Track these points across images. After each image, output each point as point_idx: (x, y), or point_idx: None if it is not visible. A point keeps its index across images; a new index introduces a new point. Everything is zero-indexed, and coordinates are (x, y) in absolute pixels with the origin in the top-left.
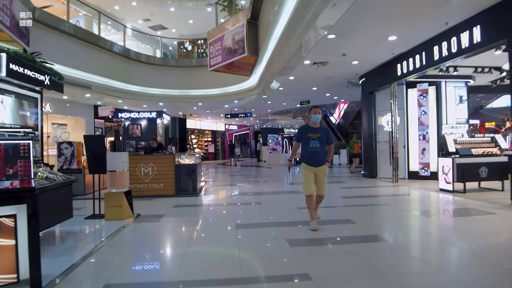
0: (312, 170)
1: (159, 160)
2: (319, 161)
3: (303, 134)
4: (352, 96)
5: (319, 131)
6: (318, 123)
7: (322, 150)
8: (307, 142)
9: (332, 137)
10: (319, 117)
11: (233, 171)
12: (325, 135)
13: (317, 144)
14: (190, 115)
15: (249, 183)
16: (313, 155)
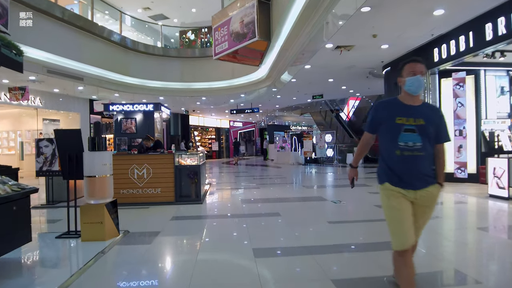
0: (408, 197)
1: (155, 161)
2: (421, 178)
3: (385, 118)
4: (370, 90)
5: (421, 113)
6: (418, 95)
7: (427, 154)
8: (394, 135)
9: (447, 128)
10: (422, 82)
11: (240, 171)
12: (434, 123)
13: (418, 141)
14: (193, 111)
15: (259, 186)
16: (410, 164)
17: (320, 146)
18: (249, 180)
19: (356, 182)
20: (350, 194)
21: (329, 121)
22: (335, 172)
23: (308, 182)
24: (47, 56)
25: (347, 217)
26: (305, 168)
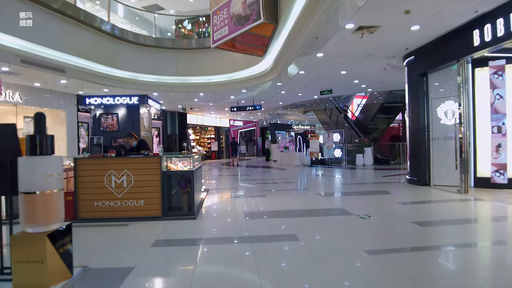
0: None
1: (138, 166)
2: None
3: None
4: (384, 84)
5: None
6: None
7: None
8: None
9: None
10: None
11: (241, 173)
12: None
13: None
14: (191, 108)
15: (265, 193)
16: None
17: (328, 146)
18: (252, 185)
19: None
20: (376, 205)
21: (335, 119)
22: (347, 175)
23: (321, 187)
24: (21, 43)
25: (387, 242)
26: (312, 170)
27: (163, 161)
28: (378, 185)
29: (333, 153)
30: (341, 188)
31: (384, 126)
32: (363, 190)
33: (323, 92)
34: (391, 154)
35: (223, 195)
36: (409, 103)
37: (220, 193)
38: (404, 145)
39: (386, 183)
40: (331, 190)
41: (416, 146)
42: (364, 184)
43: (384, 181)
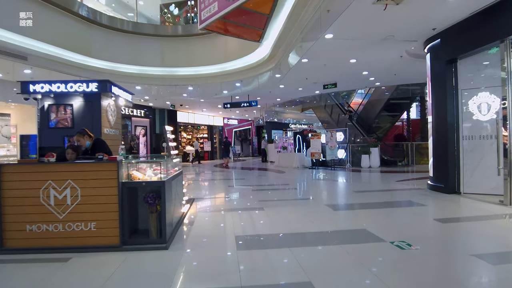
0: None
1: (87, 175)
2: None
3: None
4: (395, 77)
5: None
6: None
7: None
8: None
9: None
10: None
11: (234, 177)
12: None
13: None
14: (181, 105)
15: (263, 205)
16: None
17: (331, 146)
18: (247, 192)
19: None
20: (409, 224)
21: (336, 118)
22: (355, 180)
23: (329, 196)
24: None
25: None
26: (314, 173)
27: (122, 168)
28: (396, 193)
29: (336, 154)
30: (354, 197)
31: (388, 125)
32: (381, 200)
33: (326, 86)
34: (398, 155)
35: (211, 208)
36: (432, 96)
37: (208, 205)
38: (413, 145)
39: (405, 191)
40: (343, 199)
41: (442, 147)
42: (379, 192)
43: (401, 187)
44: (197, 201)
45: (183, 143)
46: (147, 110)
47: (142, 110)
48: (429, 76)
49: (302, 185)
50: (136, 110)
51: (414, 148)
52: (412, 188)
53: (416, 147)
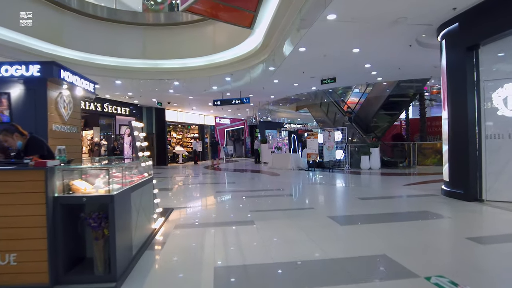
0: None
1: (1, 187)
2: None
3: None
4: (399, 72)
5: None
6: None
7: None
8: None
9: None
10: None
11: (223, 181)
12: None
13: None
14: (168, 103)
15: (255, 217)
16: None
17: (328, 146)
18: (236, 200)
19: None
20: (439, 247)
21: (333, 117)
22: (357, 184)
23: (333, 205)
24: None
25: None
26: (311, 175)
27: (55, 177)
28: (408, 201)
29: (334, 155)
30: (360, 206)
31: (386, 124)
32: (394, 210)
33: (324, 81)
34: (398, 155)
35: (191, 221)
36: (448, 89)
37: (188, 217)
38: (415, 145)
39: (417, 197)
40: (347, 209)
41: (461, 148)
42: (388, 200)
43: (411, 192)
44: (176, 211)
45: (173, 143)
46: (133, 108)
47: (127, 108)
48: (444, 67)
49: (299, 191)
50: (121, 108)
51: (416, 148)
52: (424, 194)
53: (418, 147)
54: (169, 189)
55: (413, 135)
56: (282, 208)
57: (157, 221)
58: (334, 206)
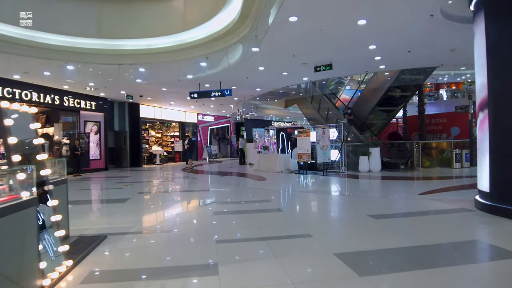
0: None
1: None
2: None
3: None
4: (407, 56)
5: None
6: None
7: None
8: None
9: None
10: None
11: (197, 188)
12: None
13: None
14: (141, 96)
15: (227, 254)
16: None
17: (323, 146)
18: (202, 221)
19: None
20: None
21: (325, 114)
22: (362, 192)
23: (340, 232)
24: None
25: None
26: (303, 180)
27: None
28: (440, 221)
29: (329, 155)
30: (377, 233)
31: (384, 122)
32: (431, 241)
33: (319, 68)
34: (399, 156)
35: (117, 266)
36: (490, 70)
37: (119, 254)
38: (419, 144)
39: (448, 214)
40: (360, 238)
41: (507, 145)
42: (412, 219)
43: (435, 206)
44: (109, 241)
45: (152, 142)
46: (102, 103)
47: (94, 102)
48: (481, 43)
49: (289, 203)
50: (85, 102)
51: (420, 148)
52: (454, 208)
53: (422, 147)
54: (119, 200)
55: (411, 133)
56: (266, 236)
57: (63, 264)
58: (340, 232)
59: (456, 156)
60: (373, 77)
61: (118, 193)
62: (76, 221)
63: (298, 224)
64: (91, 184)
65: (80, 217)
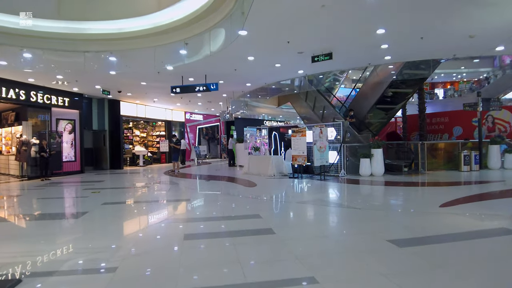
0: None
1: None
2: None
3: None
4: (420, 44)
5: None
6: None
7: None
8: None
9: None
10: None
11: (175, 197)
12: None
13: None
14: (119, 92)
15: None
16: None
17: (320, 147)
18: (166, 254)
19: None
20: None
21: (320, 113)
22: (368, 202)
23: (364, 273)
24: None
25: None
26: (299, 185)
27: None
28: (485, 252)
29: (327, 157)
30: (410, 272)
31: (383, 121)
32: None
33: (317, 58)
34: (400, 157)
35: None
36: None
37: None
38: (424, 145)
39: (491, 239)
40: (390, 283)
41: None
42: (446, 246)
43: (467, 224)
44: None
45: (136, 142)
46: (78, 99)
47: (67, 98)
48: None
49: (284, 221)
50: (57, 98)
51: (425, 149)
52: (493, 228)
53: (428, 148)
54: (74, 215)
55: (410, 133)
56: (253, 282)
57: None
58: (358, 275)
59: (465, 158)
60: (373, 73)
61: (78, 204)
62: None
63: (297, 259)
64: (55, 191)
65: (5, 243)
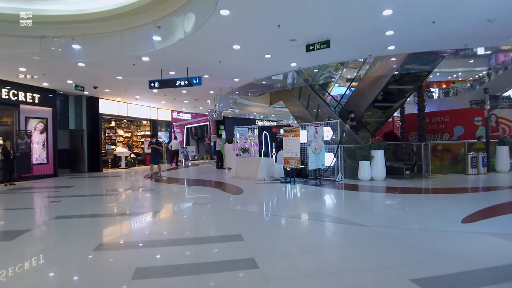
0: None
1: None
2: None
3: None
4: (430, 30)
5: None
6: None
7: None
8: None
9: None
10: None
11: (147, 209)
12: None
13: None
14: (95, 87)
15: None
16: None
17: (315, 148)
18: (124, 278)
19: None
20: None
21: (314, 111)
22: (373, 215)
23: None
24: None
25: None
26: (292, 192)
27: None
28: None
29: (323, 160)
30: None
31: (377, 121)
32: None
33: (312, 47)
34: (400, 159)
35: None
36: None
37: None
38: (428, 146)
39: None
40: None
41: None
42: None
43: (505, 249)
44: None
45: (119, 142)
46: (52, 96)
47: (37, 95)
48: None
49: (272, 247)
50: (26, 94)
51: (429, 150)
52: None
53: (432, 150)
54: (8, 235)
55: (409, 133)
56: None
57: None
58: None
59: (472, 161)
60: (371, 69)
61: (26, 217)
62: None
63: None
64: (10, 199)
65: None
